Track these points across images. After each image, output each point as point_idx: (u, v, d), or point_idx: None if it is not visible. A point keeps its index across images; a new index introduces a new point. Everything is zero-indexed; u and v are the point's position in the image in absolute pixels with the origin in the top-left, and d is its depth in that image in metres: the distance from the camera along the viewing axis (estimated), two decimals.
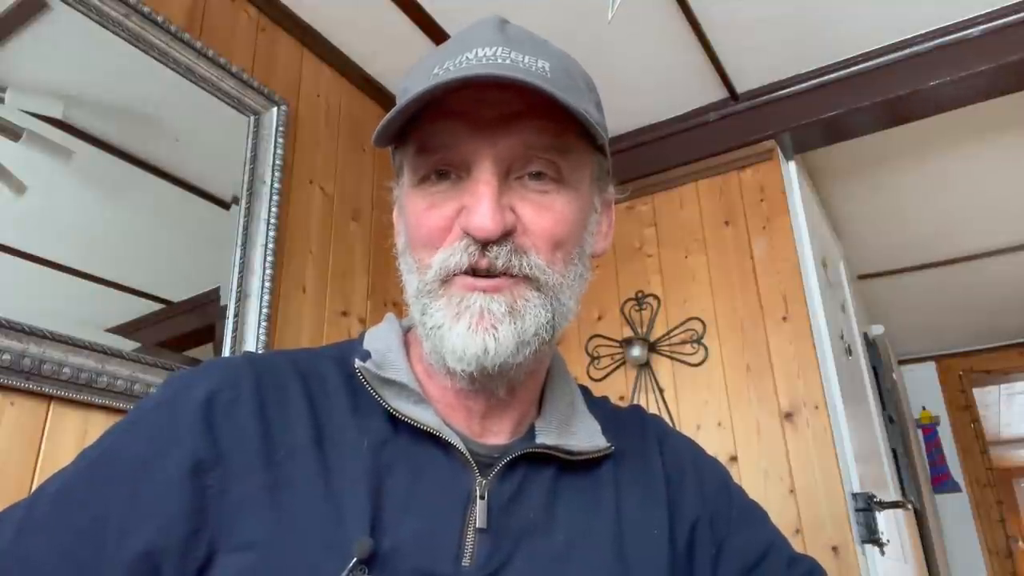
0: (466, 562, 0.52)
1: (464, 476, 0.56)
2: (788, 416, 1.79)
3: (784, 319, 1.87)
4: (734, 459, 1.81)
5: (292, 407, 0.56)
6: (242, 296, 1.41)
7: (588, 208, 0.60)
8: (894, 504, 1.88)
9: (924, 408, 4.16)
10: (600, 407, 0.69)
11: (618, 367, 2.06)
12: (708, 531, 0.63)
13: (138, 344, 1.20)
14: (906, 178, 2.55)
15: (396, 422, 0.57)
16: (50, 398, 1.06)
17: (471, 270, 0.54)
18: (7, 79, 1.11)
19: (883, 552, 1.75)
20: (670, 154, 2.13)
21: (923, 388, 4.24)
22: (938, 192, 2.64)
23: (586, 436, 0.62)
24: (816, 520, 1.68)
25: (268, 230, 1.47)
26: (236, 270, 1.41)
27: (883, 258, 3.15)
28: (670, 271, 2.07)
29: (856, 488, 1.75)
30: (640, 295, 2.09)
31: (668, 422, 0.74)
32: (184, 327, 1.32)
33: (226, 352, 1.35)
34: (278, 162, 1.53)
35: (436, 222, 0.55)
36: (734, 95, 2.00)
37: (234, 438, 0.52)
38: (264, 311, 1.42)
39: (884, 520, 1.80)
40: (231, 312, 1.38)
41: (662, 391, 1.97)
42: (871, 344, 2.88)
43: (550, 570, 0.54)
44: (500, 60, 0.53)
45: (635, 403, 0.76)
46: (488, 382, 0.56)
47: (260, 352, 1.35)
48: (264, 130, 1.54)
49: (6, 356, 1.00)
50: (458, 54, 0.54)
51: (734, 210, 2.04)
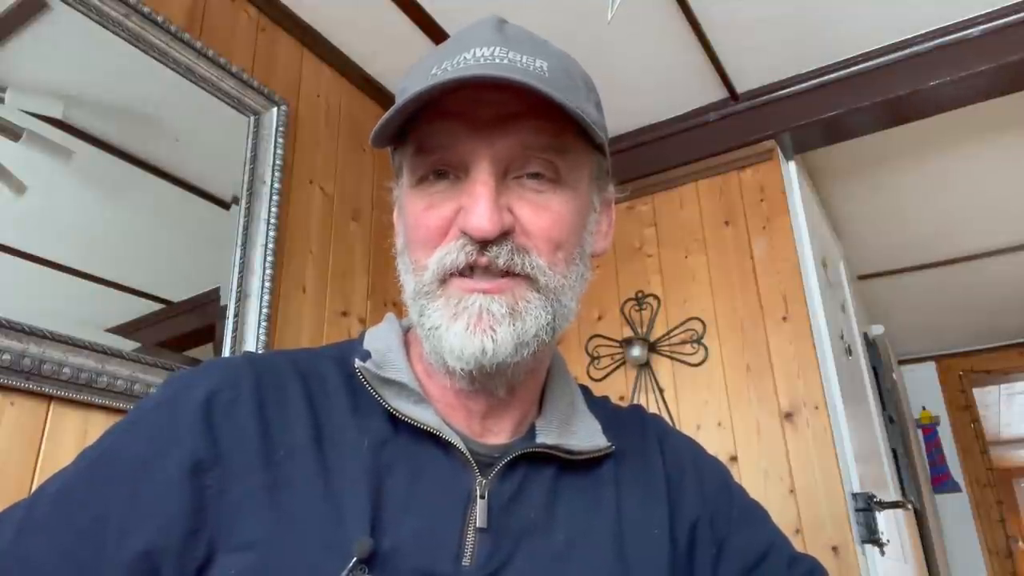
0: (466, 562, 0.52)
1: (464, 476, 0.56)
2: (788, 416, 1.79)
3: (784, 319, 1.87)
4: (734, 459, 1.81)
5: (292, 407, 0.56)
6: (242, 296, 1.41)
7: (587, 208, 0.60)
8: (894, 504, 1.88)
9: (924, 408, 4.16)
10: (600, 407, 0.69)
11: (618, 367, 2.06)
12: (709, 530, 0.63)
13: (138, 344, 1.20)
14: (906, 178, 2.55)
15: (396, 422, 0.57)
16: (50, 398, 1.06)
17: (469, 268, 0.54)
18: (7, 79, 1.11)
19: (883, 552, 1.75)
20: (670, 154, 2.13)
21: (923, 388, 4.24)
22: (938, 192, 2.64)
23: (586, 436, 0.62)
24: (816, 520, 1.68)
25: (268, 230, 1.47)
26: (236, 270, 1.41)
27: (883, 258, 3.15)
28: (670, 271, 2.07)
29: (856, 488, 1.75)
30: (640, 295, 2.09)
31: (668, 422, 0.74)
32: (184, 327, 1.32)
33: (226, 352, 1.35)
34: (278, 162, 1.53)
35: (434, 222, 0.55)
36: (734, 95, 2.00)
37: (234, 438, 0.52)
38: (264, 311, 1.42)
39: (884, 520, 1.80)
40: (231, 312, 1.38)
41: (662, 391, 1.97)
42: (871, 344, 2.88)
43: (550, 570, 0.54)
44: (498, 60, 0.53)
45: (635, 403, 0.76)
46: (488, 382, 0.56)
47: (260, 352, 1.35)
48: (264, 130, 1.54)
49: (6, 356, 1.00)
50: (456, 54, 0.54)
51: (734, 210, 2.04)
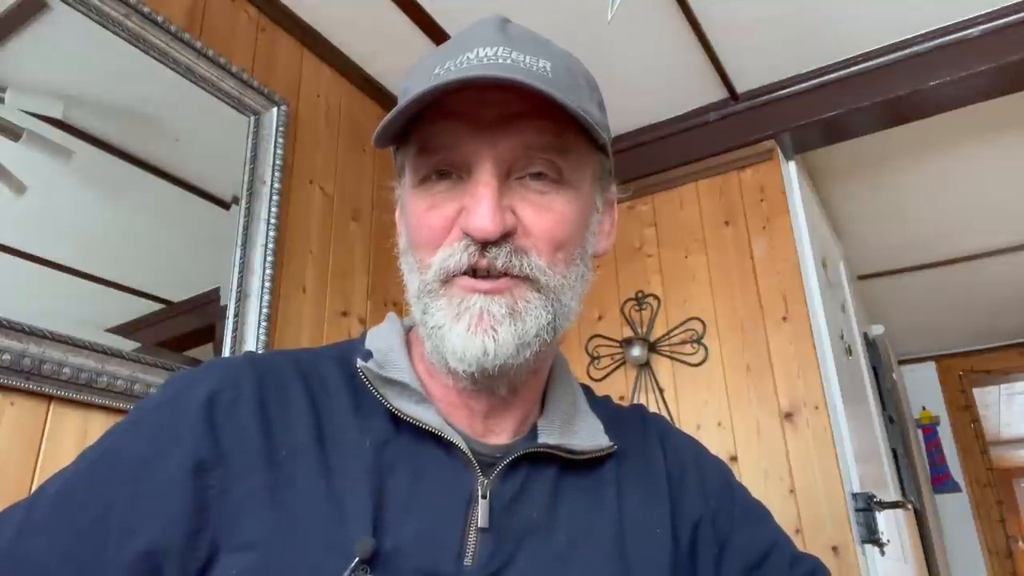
0: (468, 562, 0.52)
1: (466, 476, 0.55)
2: (788, 416, 1.79)
3: (784, 319, 1.87)
4: (734, 459, 1.81)
5: (293, 407, 0.55)
6: (242, 296, 1.41)
7: (589, 208, 0.60)
8: (894, 504, 1.88)
9: (924, 408, 4.16)
10: (602, 406, 0.69)
11: (618, 367, 2.06)
12: (711, 530, 0.63)
13: (138, 344, 1.20)
14: (906, 178, 2.55)
15: (398, 422, 0.56)
16: (50, 398, 1.06)
17: (471, 270, 0.54)
18: (7, 79, 1.11)
19: (883, 552, 1.75)
20: (670, 154, 2.13)
21: (923, 388, 4.24)
22: (938, 192, 2.64)
23: (588, 435, 0.62)
24: (816, 520, 1.68)
25: (268, 230, 1.47)
26: (236, 270, 1.41)
27: (883, 258, 3.15)
28: (670, 271, 2.07)
29: (856, 488, 1.75)
30: (640, 295, 2.09)
31: (669, 421, 0.74)
32: (184, 327, 1.31)
33: (226, 352, 1.35)
34: (278, 162, 1.53)
35: (436, 222, 0.55)
36: (734, 95, 2.00)
37: (235, 438, 0.52)
38: (264, 311, 1.41)
39: (884, 520, 1.80)
40: (231, 312, 1.38)
41: (662, 391, 1.97)
42: (871, 344, 2.88)
43: (552, 570, 0.54)
44: (501, 60, 0.52)
45: (637, 402, 0.76)
46: (490, 382, 0.56)
47: (261, 352, 1.35)
48: (264, 130, 1.54)
49: (6, 356, 0.99)
50: (459, 54, 0.53)
51: (734, 210, 2.04)
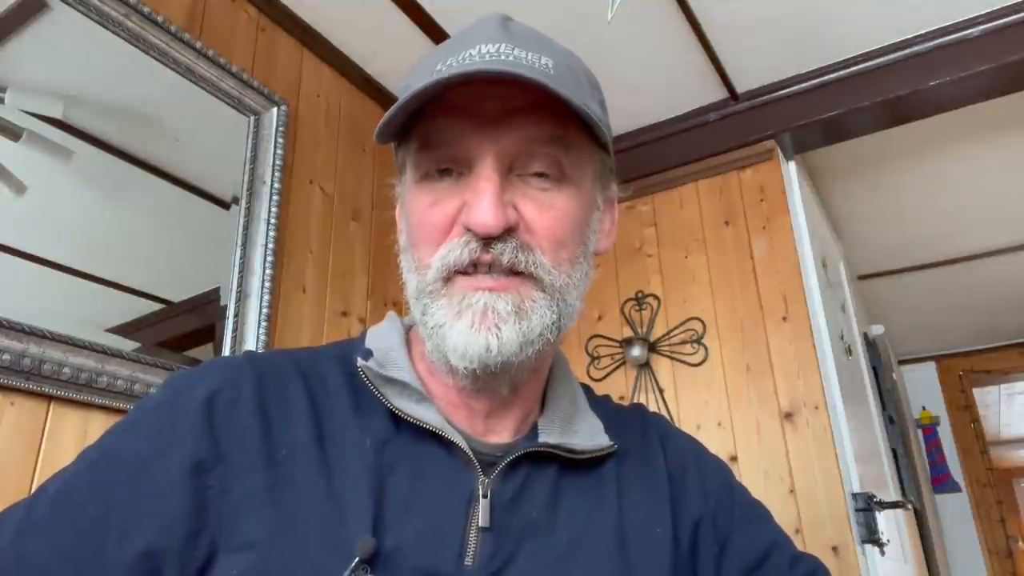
0: (469, 561, 0.52)
1: (467, 475, 0.55)
2: (788, 416, 1.79)
3: (784, 319, 1.87)
4: (734, 459, 1.81)
5: (293, 406, 0.55)
6: (242, 296, 1.41)
7: (590, 206, 0.59)
8: (894, 504, 1.88)
9: (924, 408, 4.16)
10: (602, 406, 0.69)
11: (618, 367, 2.06)
12: (711, 530, 0.62)
13: (138, 344, 1.20)
14: (906, 178, 2.55)
15: (398, 421, 0.56)
16: (50, 398, 1.06)
17: (472, 265, 0.53)
18: (7, 79, 1.11)
19: (883, 552, 1.75)
20: (670, 154, 2.13)
21: (923, 388, 4.24)
22: (938, 192, 2.64)
23: (589, 435, 0.62)
24: (816, 520, 1.68)
25: (268, 230, 1.47)
26: (236, 270, 1.41)
27: (883, 258, 3.15)
28: (670, 271, 2.07)
29: (856, 488, 1.74)
30: (640, 295, 2.09)
31: (670, 420, 0.74)
32: (184, 327, 1.31)
33: (226, 352, 1.35)
34: (278, 162, 1.53)
35: (438, 219, 0.55)
36: (734, 95, 2.00)
37: (235, 438, 0.52)
38: (264, 311, 1.41)
39: (884, 520, 1.80)
40: (231, 312, 1.38)
41: (662, 391, 1.97)
42: (871, 344, 2.88)
43: (553, 569, 0.54)
44: (503, 57, 0.52)
45: (637, 402, 0.75)
46: (491, 380, 0.56)
47: (261, 351, 1.34)
48: (264, 130, 1.54)
49: (6, 356, 0.99)
50: (461, 51, 0.53)
51: (734, 210, 2.04)
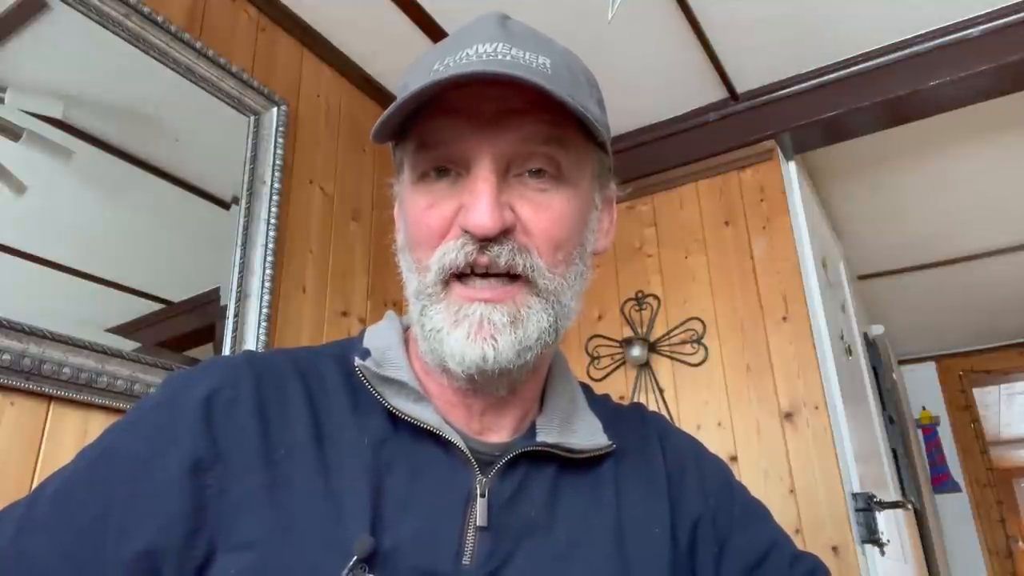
0: (467, 560, 0.52)
1: (464, 474, 0.55)
2: (788, 416, 1.79)
3: (784, 319, 1.87)
4: (734, 459, 1.81)
5: (292, 406, 0.55)
6: (242, 296, 1.41)
7: (588, 205, 0.59)
8: (894, 504, 1.88)
9: (924, 408, 4.16)
10: (601, 405, 0.69)
11: (618, 367, 2.06)
12: (710, 529, 0.62)
13: (138, 344, 1.20)
14: (906, 178, 2.54)
15: (396, 420, 0.56)
16: (50, 398, 1.06)
17: (469, 268, 0.53)
18: (7, 79, 1.11)
19: (883, 552, 1.75)
20: (670, 154, 2.13)
21: (923, 388, 4.24)
22: (938, 192, 2.64)
23: (587, 434, 0.62)
24: (816, 520, 1.68)
25: (268, 230, 1.47)
26: (236, 270, 1.41)
27: (883, 258, 3.15)
28: (670, 271, 2.07)
29: (856, 488, 1.74)
30: (640, 295, 2.09)
31: (669, 420, 0.74)
32: (184, 327, 1.31)
33: (226, 352, 1.35)
34: (278, 162, 1.53)
35: (435, 221, 0.55)
36: (734, 95, 2.00)
37: (233, 437, 0.52)
38: (264, 311, 1.41)
39: (884, 520, 1.80)
40: (231, 312, 1.38)
41: (662, 391, 1.97)
42: (871, 344, 2.87)
43: (551, 568, 0.54)
44: (501, 56, 0.52)
45: (636, 401, 0.75)
46: (488, 383, 0.56)
47: (259, 351, 1.35)
48: (264, 130, 1.54)
49: (6, 356, 0.99)
50: (458, 50, 0.53)
51: (734, 210, 2.03)
